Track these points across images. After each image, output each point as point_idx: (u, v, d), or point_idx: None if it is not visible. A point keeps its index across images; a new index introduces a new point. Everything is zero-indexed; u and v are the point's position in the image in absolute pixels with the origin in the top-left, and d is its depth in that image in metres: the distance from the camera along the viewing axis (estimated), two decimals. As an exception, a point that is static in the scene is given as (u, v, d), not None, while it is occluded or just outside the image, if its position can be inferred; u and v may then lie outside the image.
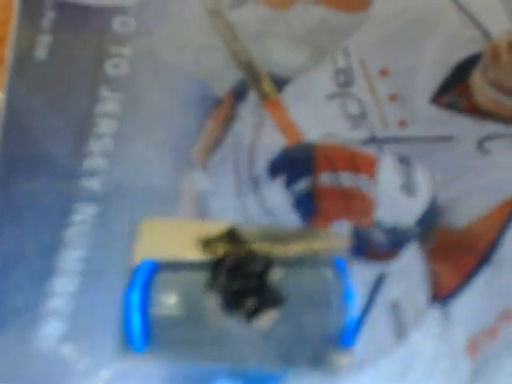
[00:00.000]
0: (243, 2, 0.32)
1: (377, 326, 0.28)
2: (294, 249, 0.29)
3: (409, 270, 0.29)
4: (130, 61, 0.31)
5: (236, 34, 0.32)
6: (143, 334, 0.28)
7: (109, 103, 0.31)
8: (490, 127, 0.31)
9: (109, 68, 0.31)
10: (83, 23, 0.32)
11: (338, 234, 0.30)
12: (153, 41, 0.32)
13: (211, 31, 0.32)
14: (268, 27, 0.32)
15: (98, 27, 0.32)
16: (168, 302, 0.28)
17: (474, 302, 0.29)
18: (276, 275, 0.29)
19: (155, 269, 0.28)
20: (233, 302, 0.29)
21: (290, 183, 0.30)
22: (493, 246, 0.29)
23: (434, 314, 0.29)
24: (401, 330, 0.29)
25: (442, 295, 0.29)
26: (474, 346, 0.28)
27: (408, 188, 0.30)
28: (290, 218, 0.30)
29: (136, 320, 0.28)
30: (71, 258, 0.29)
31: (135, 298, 0.28)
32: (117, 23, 0.32)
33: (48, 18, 0.32)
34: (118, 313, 0.28)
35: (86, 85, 0.31)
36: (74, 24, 0.32)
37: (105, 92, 0.31)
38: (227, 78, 0.31)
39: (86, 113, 0.30)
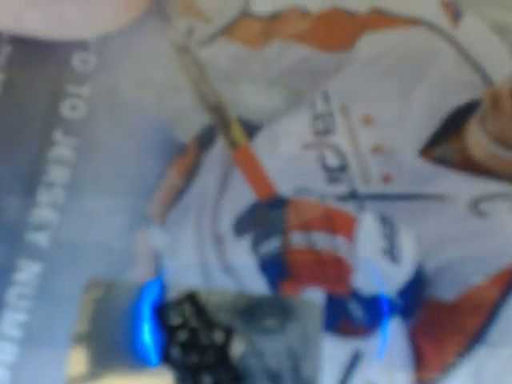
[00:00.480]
0: (214, 38, 0.30)
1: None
2: (259, 319, 0.26)
3: (389, 348, 0.26)
4: (87, 101, 0.28)
5: (205, 74, 0.29)
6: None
7: (62, 148, 0.28)
8: (488, 186, 0.27)
9: (65, 109, 0.28)
10: (40, 60, 0.29)
11: (310, 304, 0.26)
12: (113, 79, 0.29)
13: (177, 70, 0.29)
14: (240, 67, 0.29)
15: (56, 64, 0.29)
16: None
17: (461, 388, 0.25)
18: (237, 349, 0.26)
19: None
20: (188, 378, 0.25)
21: (257, 243, 0.27)
22: (487, 323, 0.26)
23: (417, 400, 0.25)
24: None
25: (426, 379, 0.25)
26: None
27: (390, 253, 0.27)
28: (257, 283, 0.26)
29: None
30: (11, 322, 0.26)
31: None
32: (76, 60, 0.29)
33: (3, 54, 0.29)
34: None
35: (38, 127, 0.28)
36: (30, 61, 0.29)
37: (59, 136, 0.28)
38: (193, 122, 0.28)
39: (37, 158, 0.28)
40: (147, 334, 0.25)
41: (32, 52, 0.29)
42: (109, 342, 0.25)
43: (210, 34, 0.30)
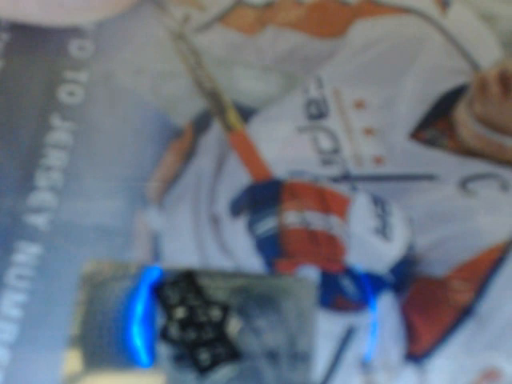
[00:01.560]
0: (210, 25, 0.30)
1: (345, 385, 0.26)
2: (255, 296, 0.27)
3: (381, 323, 0.26)
4: (85, 87, 0.29)
5: (200, 60, 0.29)
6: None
7: (60, 133, 0.28)
8: (476, 166, 0.28)
9: (62, 95, 0.29)
10: (38, 47, 0.30)
11: (304, 281, 0.27)
12: (110, 66, 0.29)
13: (173, 56, 0.29)
14: (236, 53, 0.30)
15: (53, 51, 0.29)
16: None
17: (453, 361, 0.26)
18: (234, 326, 0.26)
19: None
20: (185, 354, 0.26)
21: (253, 223, 0.27)
22: (476, 297, 0.26)
23: (409, 373, 0.26)
24: (372, 392, 0.26)
25: (418, 353, 0.26)
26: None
27: (383, 231, 0.27)
28: (253, 262, 0.27)
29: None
30: (9, 303, 0.26)
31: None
32: (74, 47, 0.30)
33: (1, 41, 0.30)
34: (59, 372, 0.25)
35: (36, 112, 0.29)
36: (27, 48, 0.29)
37: (56, 121, 0.29)
38: (189, 108, 0.29)
39: (35, 143, 0.28)
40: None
41: (30, 40, 0.30)
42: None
43: (206, 22, 0.30)
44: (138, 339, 0.25)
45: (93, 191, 0.28)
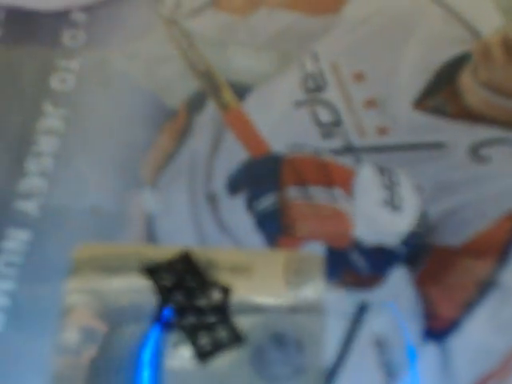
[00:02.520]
0: (201, 9, 0.30)
1: (359, 367, 0.23)
2: (258, 276, 0.25)
3: (396, 298, 0.24)
4: (77, 74, 0.28)
5: (193, 43, 0.29)
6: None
7: (51, 119, 0.28)
8: (485, 132, 0.27)
9: (54, 82, 0.28)
10: (30, 38, 0.29)
11: (310, 257, 0.25)
12: (103, 52, 0.29)
13: (166, 40, 0.29)
14: (228, 34, 0.29)
15: (46, 41, 0.29)
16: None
17: (478, 337, 0.23)
18: (235, 308, 0.24)
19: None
20: (184, 339, 0.24)
21: (252, 200, 0.26)
22: (498, 266, 0.24)
23: (430, 352, 0.23)
24: (389, 374, 0.23)
25: (438, 329, 0.24)
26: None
27: (391, 202, 0.26)
28: (254, 240, 0.25)
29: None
30: (-2, 291, 0.25)
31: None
32: (66, 36, 0.29)
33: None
34: (47, 363, 0.23)
35: (27, 99, 0.28)
36: (21, 37, 0.29)
37: (48, 107, 0.28)
38: (182, 89, 0.28)
39: (26, 130, 0.27)
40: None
41: (22, 31, 0.30)
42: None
43: (197, 7, 0.30)
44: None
45: (85, 175, 0.26)
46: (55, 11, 0.29)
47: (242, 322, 0.24)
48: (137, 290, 0.24)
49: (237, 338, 0.24)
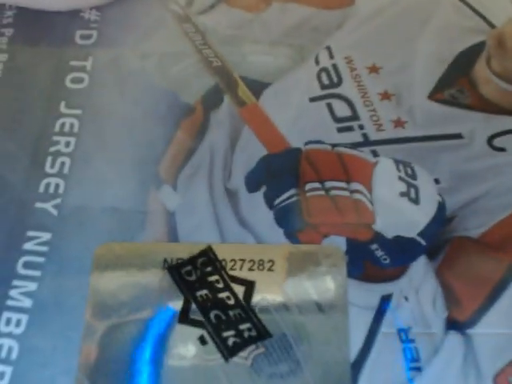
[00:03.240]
0: (214, 7, 0.30)
1: (384, 359, 0.23)
2: (281, 270, 0.25)
3: (418, 289, 0.24)
4: (90, 74, 0.28)
5: (207, 40, 0.29)
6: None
7: (68, 119, 0.28)
8: (502, 122, 0.27)
9: (69, 82, 0.28)
10: (42, 39, 0.29)
11: (332, 251, 0.25)
12: (116, 51, 0.29)
13: (179, 38, 0.29)
14: (242, 30, 0.29)
15: (58, 42, 0.29)
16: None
17: (501, 326, 0.24)
18: (260, 303, 0.25)
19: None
20: (209, 335, 0.24)
21: (272, 194, 0.26)
22: (518, 256, 0.25)
23: (454, 341, 0.24)
24: (414, 363, 0.24)
25: (461, 318, 0.24)
26: (502, 381, 0.23)
27: (408, 195, 0.26)
28: (274, 235, 0.25)
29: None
30: (20, 292, 0.25)
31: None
32: (78, 36, 0.29)
33: (5, 36, 0.29)
34: (70, 364, 0.23)
35: (43, 102, 0.28)
36: (31, 40, 0.29)
37: (64, 108, 0.28)
38: (198, 85, 0.28)
39: (43, 131, 0.27)
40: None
41: (33, 33, 0.30)
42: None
43: (210, 4, 0.30)
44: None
45: (103, 175, 0.26)
46: (67, 10, 0.29)
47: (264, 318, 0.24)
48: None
49: (263, 333, 0.24)
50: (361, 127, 0.27)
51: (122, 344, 0.24)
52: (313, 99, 0.28)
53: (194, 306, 0.24)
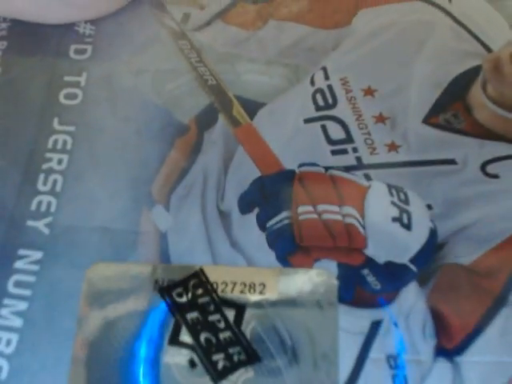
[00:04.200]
0: (210, 23, 0.30)
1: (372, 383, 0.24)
2: (271, 294, 0.25)
3: (408, 315, 0.24)
4: (84, 90, 0.28)
5: (202, 57, 0.29)
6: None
7: (61, 136, 0.27)
8: (495, 148, 0.27)
9: (63, 98, 0.28)
10: (36, 53, 0.29)
11: (323, 275, 0.25)
12: (109, 67, 0.29)
13: (174, 55, 0.29)
14: (237, 48, 0.29)
15: (52, 56, 0.29)
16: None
17: (489, 354, 0.24)
18: (250, 326, 0.25)
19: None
20: (198, 358, 0.24)
21: (265, 217, 0.26)
22: (508, 283, 0.25)
23: (442, 369, 0.24)
24: (402, 390, 0.24)
25: (450, 347, 0.24)
26: (490, 409, 0.23)
27: (401, 220, 0.26)
28: (266, 258, 0.25)
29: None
30: (10, 311, 0.25)
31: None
32: (72, 50, 0.29)
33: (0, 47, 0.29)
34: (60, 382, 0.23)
35: (36, 118, 0.28)
36: (25, 54, 0.29)
37: (57, 124, 0.28)
38: (193, 104, 0.28)
39: (35, 148, 0.27)
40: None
41: (27, 46, 0.29)
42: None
43: (206, 20, 0.30)
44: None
45: (96, 193, 0.26)
46: (61, 24, 0.28)
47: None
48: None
49: (253, 357, 0.24)
50: (355, 150, 0.27)
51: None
52: (307, 120, 0.28)
53: (183, 328, 0.24)
